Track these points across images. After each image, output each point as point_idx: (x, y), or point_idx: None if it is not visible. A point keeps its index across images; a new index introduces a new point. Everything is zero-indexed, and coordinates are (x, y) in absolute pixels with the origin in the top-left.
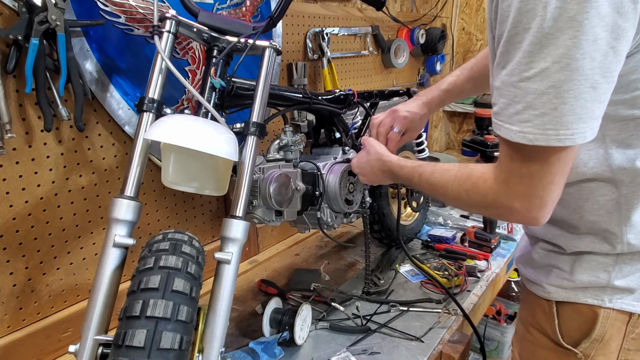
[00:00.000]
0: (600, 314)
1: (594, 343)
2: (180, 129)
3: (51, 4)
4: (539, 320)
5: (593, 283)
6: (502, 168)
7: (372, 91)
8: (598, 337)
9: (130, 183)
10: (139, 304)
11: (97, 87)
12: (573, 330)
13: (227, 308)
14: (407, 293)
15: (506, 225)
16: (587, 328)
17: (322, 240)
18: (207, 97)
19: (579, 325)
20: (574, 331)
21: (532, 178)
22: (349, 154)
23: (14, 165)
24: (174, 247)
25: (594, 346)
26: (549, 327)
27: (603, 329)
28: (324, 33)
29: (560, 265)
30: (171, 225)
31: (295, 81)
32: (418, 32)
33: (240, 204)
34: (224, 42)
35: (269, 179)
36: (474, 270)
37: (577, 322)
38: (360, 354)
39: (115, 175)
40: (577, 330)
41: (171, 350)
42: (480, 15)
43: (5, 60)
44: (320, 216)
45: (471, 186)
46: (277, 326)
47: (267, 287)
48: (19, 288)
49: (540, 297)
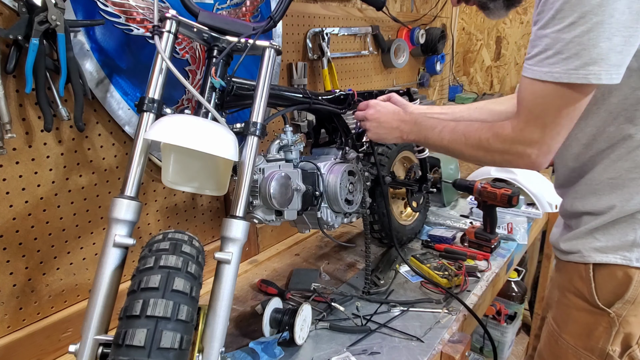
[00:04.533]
0: (634, 278)
1: (627, 304)
2: (180, 129)
3: (51, 4)
4: (576, 285)
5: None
6: (521, 119)
7: (372, 91)
8: (630, 299)
9: (130, 183)
10: (139, 303)
11: (97, 87)
12: (607, 293)
13: (227, 308)
14: (407, 293)
15: (506, 225)
16: (621, 290)
17: (322, 240)
18: (207, 97)
19: (613, 287)
20: (608, 293)
21: (544, 128)
22: (349, 154)
23: (14, 165)
24: (174, 246)
25: (627, 307)
26: (585, 289)
27: (636, 291)
28: (324, 33)
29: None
30: (171, 225)
31: (295, 81)
32: (418, 32)
33: (240, 204)
34: (224, 42)
35: (269, 179)
36: (474, 270)
37: (611, 285)
38: (360, 354)
39: (115, 175)
40: (611, 293)
41: (171, 349)
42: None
43: (5, 60)
44: (320, 216)
45: (492, 134)
46: (277, 326)
47: (267, 287)
48: (19, 288)
49: (577, 263)
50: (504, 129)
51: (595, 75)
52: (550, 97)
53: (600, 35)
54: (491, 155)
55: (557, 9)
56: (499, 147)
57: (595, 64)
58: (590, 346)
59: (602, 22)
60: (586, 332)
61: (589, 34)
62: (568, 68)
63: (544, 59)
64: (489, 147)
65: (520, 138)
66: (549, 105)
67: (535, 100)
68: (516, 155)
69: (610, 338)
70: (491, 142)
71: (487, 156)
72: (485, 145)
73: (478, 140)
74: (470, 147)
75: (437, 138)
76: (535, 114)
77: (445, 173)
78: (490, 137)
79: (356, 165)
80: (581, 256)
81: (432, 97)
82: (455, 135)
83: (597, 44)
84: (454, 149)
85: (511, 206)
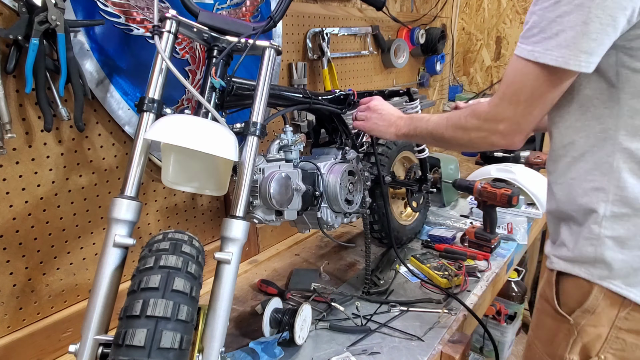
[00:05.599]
0: (594, 288)
1: (585, 313)
2: (180, 129)
3: (51, 4)
4: (545, 289)
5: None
6: (497, 95)
7: (372, 91)
8: (589, 309)
9: (130, 183)
10: (139, 303)
11: (97, 87)
12: (569, 300)
13: (227, 308)
14: (407, 293)
15: (506, 225)
16: (581, 298)
17: (322, 240)
18: (207, 97)
19: (575, 295)
20: (569, 300)
21: (517, 105)
22: (349, 154)
23: (14, 165)
24: (174, 246)
25: (585, 316)
26: (549, 294)
27: (595, 301)
28: (324, 33)
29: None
30: (171, 225)
31: (295, 81)
32: (418, 32)
33: (240, 204)
34: (224, 42)
35: (269, 179)
36: (474, 270)
37: (573, 292)
38: (360, 354)
39: (115, 175)
40: (572, 300)
41: (171, 349)
42: (480, 15)
43: (5, 60)
44: (320, 216)
45: (470, 112)
46: (277, 326)
47: (267, 287)
48: (19, 288)
49: (548, 268)
50: (481, 106)
51: (564, 59)
52: (528, 75)
53: (579, 18)
54: (468, 134)
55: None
56: (474, 124)
57: (567, 48)
58: (552, 352)
59: (583, 5)
60: (550, 338)
61: (570, 15)
62: (546, 47)
63: (530, 36)
64: (466, 125)
65: (494, 113)
66: (525, 84)
67: (515, 77)
68: (489, 132)
69: (568, 346)
70: (468, 119)
71: (465, 136)
72: (463, 123)
73: (457, 120)
74: (450, 128)
75: (424, 126)
76: (512, 90)
77: (445, 173)
78: (468, 115)
79: (356, 165)
80: (550, 262)
81: (432, 97)
82: (440, 119)
83: (574, 27)
84: (437, 133)
85: (511, 206)
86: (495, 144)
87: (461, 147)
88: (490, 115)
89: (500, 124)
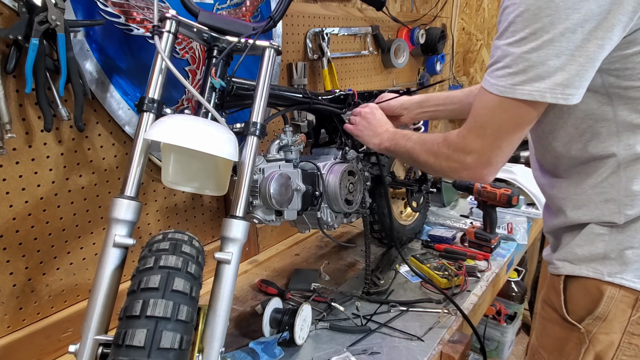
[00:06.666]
0: (606, 293)
1: (597, 321)
2: (180, 129)
3: (51, 4)
4: (551, 297)
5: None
6: (466, 126)
7: (372, 91)
8: (601, 315)
9: (130, 183)
10: (139, 303)
11: (97, 87)
12: (578, 307)
13: (227, 308)
14: (407, 293)
15: (506, 225)
16: (592, 305)
17: (322, 240)
18: (207, 97)
19: (584, 302)
20: (579, 308)
21: (484, 138)
22: (349, 154)
23: (14, 165)
24: (174, 247)
25: (597, 324)
26: (557, 302)
27: (607, 307)
28: (324, 33)
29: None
30: (171, 225)
31: (295, 81)
32: (418, 32)
33: (240, 204)
34: (224, 42)
35: (269, 179)
36: (474, 270)
37: (582, 299)
38: (360, 354)
39: (115, 175)
40: (582, 307)
41: (171, 349)
42: (480, 15)
43: (5, 60)
44: (320, 216)
45: (442, 139)
46: (277, 326)
47: (267, 287)
48: (19, 288)
49: (552, 275)
50: (451, 135)
51: (540, 93)
52: (494, 109)
53: (550, 53)
54: (439, 162)
55: (510, 22)
56: (444, 152)
57: (541, 81)
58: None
59: (552, 40)
60: (558, 348)
61: (538, 51)
62: (513, 83)
63: (494, 70)
64: (437, 152)
65: (462, 145)
66: (492, 117)
67: (482, 110)
68: (458, 163)
69: (579, 355)
70: (440, 147)
71: (436, 163)
72: (435, 150)
73: (431, 145)
74: (424, 152)
75: (403, 144)
76: (479, 123)
77: None
78: (440, 142)
79: (356, 165)
80: (555, 267)
81: None
82: (419, 140)
83: (546, 62)
84: (413, 155)
85: (511, 206)
86: (466, 176)
87: (435, 173)
88: (460, 146)
89: (469, 156)
